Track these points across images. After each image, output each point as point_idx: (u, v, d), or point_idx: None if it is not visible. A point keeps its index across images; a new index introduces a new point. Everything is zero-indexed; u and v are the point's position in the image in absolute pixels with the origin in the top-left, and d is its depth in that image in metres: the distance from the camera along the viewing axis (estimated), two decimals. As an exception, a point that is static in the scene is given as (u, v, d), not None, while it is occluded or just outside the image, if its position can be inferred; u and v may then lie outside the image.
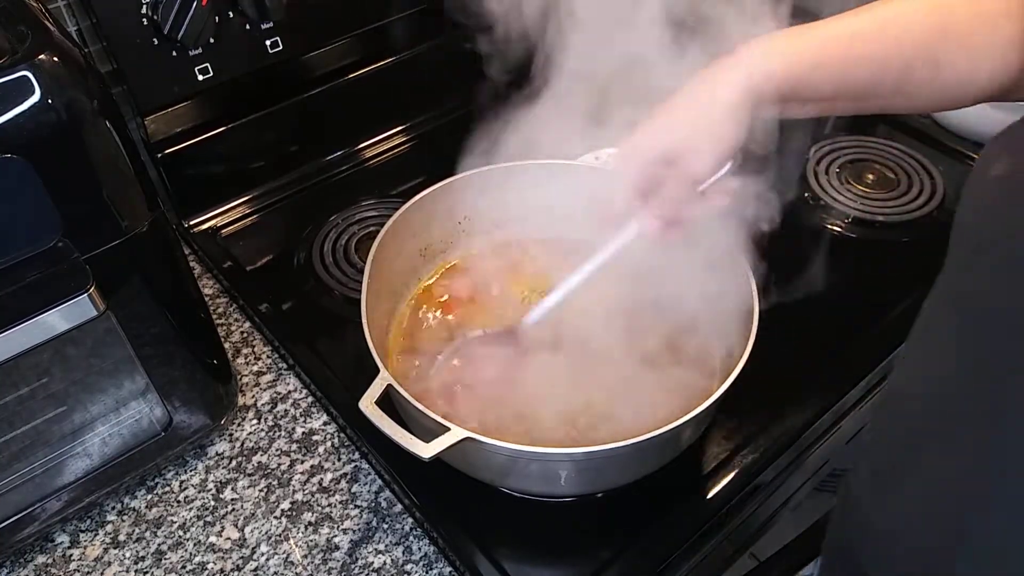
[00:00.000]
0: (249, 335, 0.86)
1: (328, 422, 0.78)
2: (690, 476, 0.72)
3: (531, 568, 0.68)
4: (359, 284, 0.71)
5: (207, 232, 0.98)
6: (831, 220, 0.95)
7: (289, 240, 0.96)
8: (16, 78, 0.48)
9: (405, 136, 1.10)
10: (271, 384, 0.82)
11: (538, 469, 0.65)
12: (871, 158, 1.04)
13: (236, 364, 0.83)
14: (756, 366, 0.62)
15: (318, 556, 0.68)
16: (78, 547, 0.70)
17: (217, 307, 0.90)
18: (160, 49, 0.87)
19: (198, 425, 0.72)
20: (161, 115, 0.92)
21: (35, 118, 0.49)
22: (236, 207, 1.01)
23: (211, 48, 0.90)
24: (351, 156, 1.08)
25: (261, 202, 1.01)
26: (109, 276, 0.57)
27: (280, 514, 0.71)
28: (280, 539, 0.69)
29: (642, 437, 0.60)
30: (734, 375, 0.62)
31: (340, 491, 0.72)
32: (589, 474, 0.67)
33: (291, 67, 0.99)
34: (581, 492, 0.70)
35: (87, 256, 0.56)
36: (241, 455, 0.76)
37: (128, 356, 0.63)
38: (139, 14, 0.84)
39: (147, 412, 0.68)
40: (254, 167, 1.02)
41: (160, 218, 0.60)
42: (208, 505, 0.72)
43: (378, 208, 0.98)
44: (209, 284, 0.93)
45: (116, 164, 0.56)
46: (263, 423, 0.78)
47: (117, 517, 0.72)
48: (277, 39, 0.94)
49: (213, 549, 0.69)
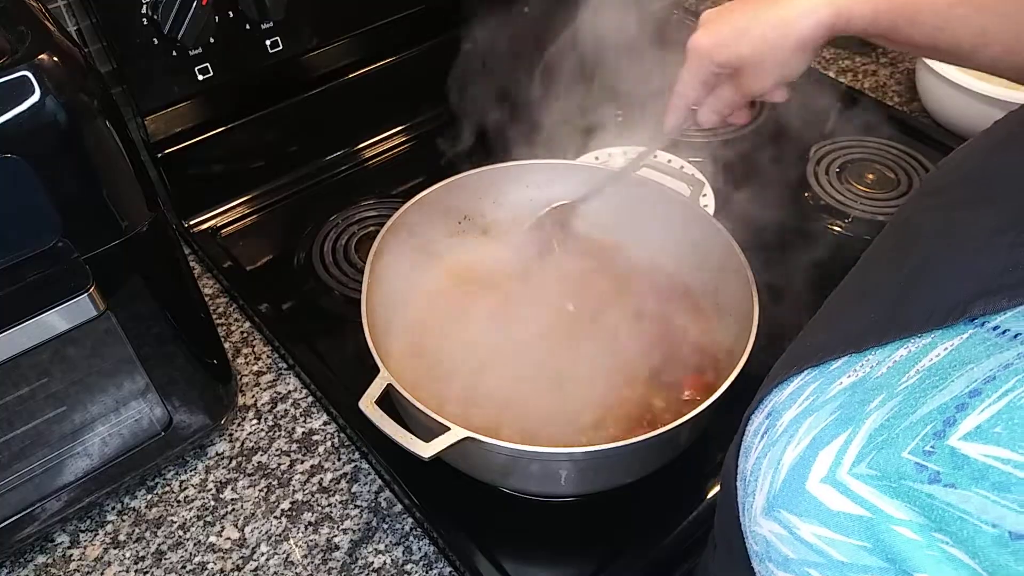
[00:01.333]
0: (249, 335, 0.87)
1: (328, 422, 0.78)
2: (690, 476, 0.72)
3: (531, 568, 0.68)
4: (359, 284, 0.71)
5: (207, 232, 0.98)
6: (831, 220, 0.95)
7: (289, 240, 0.96)
8: (16, 78, 0.48)
9: (405, 136, 1.10)
10: (271, 384, 0.82)
11: (538, 469, 0.65)
12: (871, 158, 1.04)
13: (236, 364, 0.83)
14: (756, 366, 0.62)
15: (318, 556, 0.68)
16: (78, 547, 0.70)
17: (217, 307, 0.90)
18: (160, 49, 0.87)
19: (198, 425, 0.72)
20: (161, 115, 0.92)
21: (35, 118, 0.49)
22: (236, 207, 1.01)
23: (211, 48, 0.90)
24: (351, 156, 1.08)
25: (261, 202, 1.01)
26: (109, 276, 0.57)
27: (280, 514, 0.71)
28: (280, 539, 0.69)
29: (642, 437, 0.60)
30: (734, 375, 0.62)
31: (340, 491, 0.72)
32: (589, 474, 0.67)
33: (291, 67, 0.99)
34: (581, 492, 0.70)
35: (87, 256, 0.56)
36: (241, 455, 0.76)
37: (128, 356, 0.63)
38: (139, 14, 0.84)
39: (147, 412, 0.68)
40: (254, 167, 1.02)
41: (160, 218, 0.60)
42: (208, 505, 0.72)
43: (378, 208, 0.98)
44: (209, 284, 0.93)
45: (116, 164, 0.56)
46: (263, 423, 0.78)
47: (117, 517, 0.72)
48: (277, 39, 0.94)
49: (213, 549, 0.69)
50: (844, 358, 0.38)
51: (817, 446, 0.35)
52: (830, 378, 0.38)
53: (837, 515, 0.34)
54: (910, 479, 0.31)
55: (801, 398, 0.39)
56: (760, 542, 0.38)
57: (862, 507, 0.33)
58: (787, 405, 0.39)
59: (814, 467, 0.35)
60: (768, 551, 0.37)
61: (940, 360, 0.34)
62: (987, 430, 0.30)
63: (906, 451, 0.32)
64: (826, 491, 0.34)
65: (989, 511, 0.29)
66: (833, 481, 0.34)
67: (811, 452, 0.36)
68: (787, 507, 0.36)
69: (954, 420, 0.31)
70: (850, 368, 0.37)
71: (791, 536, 0.36)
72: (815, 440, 0.36)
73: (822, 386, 0.38)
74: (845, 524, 0.33)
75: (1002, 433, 0.29)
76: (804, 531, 0.35)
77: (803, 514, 0.35)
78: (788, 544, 0.36)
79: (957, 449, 0.30)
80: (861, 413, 0.35)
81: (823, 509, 0.34)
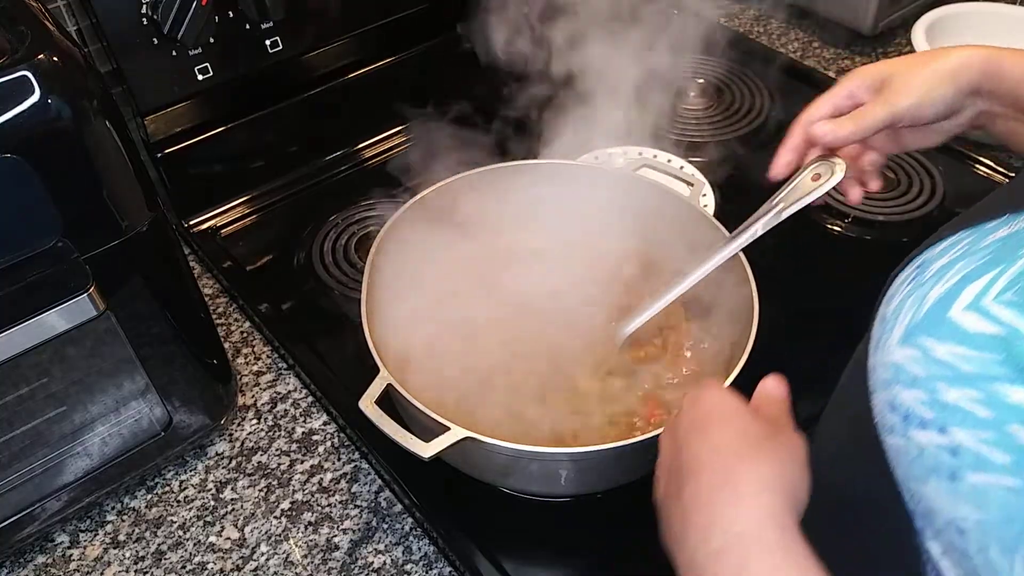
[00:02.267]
0: (249, 335, 0.87)
1: (328, 422, 0.78)
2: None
3: (531, 568, 0.68)
4: (359, 284, 0.71)
5: (207, 232, 0.98)
6: (831, 220, 0.95)
7: (289, 240, 0.96)
8: (16, 78, 0.48)
9: (405, 136, 1.10)
10: (271, 384, 0.82)
11: (538, 469, 0.65)
12: (871, 158, 1.04)
13: (236, 364, 0.83)
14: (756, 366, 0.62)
15: (318, 556, 0.68)
16: (78, 547, 0.70)
17: (217, 307, 0.90)
18: (160, 49, 0.87)
19: (198, 425, 0.72)
20: (161, 115, 0.92)
21: (35, 118, 0.49)
22: (236, 207, 1.01)
23: (211, 48, 0.90)
24: (351, 156, 1.07)
25: (261, 202, 1.01)
26: (109, 276, 0.57)
27: (280, 514, 0.71)
28: (280, 539, 0.69)
29: (642, 436, 0.60)
30: (734, 375, 0.62)
31: (340, 491, 0.72)
32: (589, 474, 0.67)
33: (291, 67, 0.99)
34: (581, 492, 0.70)
35: (87, 256, 0.56)
36: (241, 455, 0.76)
37: (128, 356, 0.63)
38: (139, 14, 0.84)
39: (147, 412, 0.68)
40: (254, 167, 1.02)
41: (160, 218, 0.60)
42: (208, 505, 0.72)
43: (378, 208, 0.98)
44: (209, 284, 0.93)
45: (116, 164, 0.56)
46: (263, 423, 0.78)
47: (117, 517, 0.72)
48: (277, 39, 0.94)
49: (213, 549, 0.69)
50: (1002, 217, 0.41)
51: (966, 282, 0.38)
52: (984, 233, 0.41)
53: (975, 335, 0.36)
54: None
55: (954, 250, 0.41)
56: (890, 369, 0.40)
57: (999, 327, 0.35)
58: (939, 257, 0.42)
59: (959, 298, 0.38)
60: (898, 375, 0.39)
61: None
62: None
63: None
64: (968, 316, 0.37)
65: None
66: (977, 307, 0.36)
67: (959, 287, 0.38)
68: (927, 332, 0.38)
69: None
70: (1006, 225, 0.40)
71: (924, 357, 0.38)
72: (964, 277, 0.38)
73: (976, 239, 0.41)
74: (981, 342, 0.36)
75: None
76: (940, 351, 0.37)
77: (941, 336, 0.37)
78: (920, 364, 0.38)
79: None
80: (1014, 256, 0.37)
81: (961, 331, 0.37)
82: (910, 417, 0.38)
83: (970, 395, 0.35)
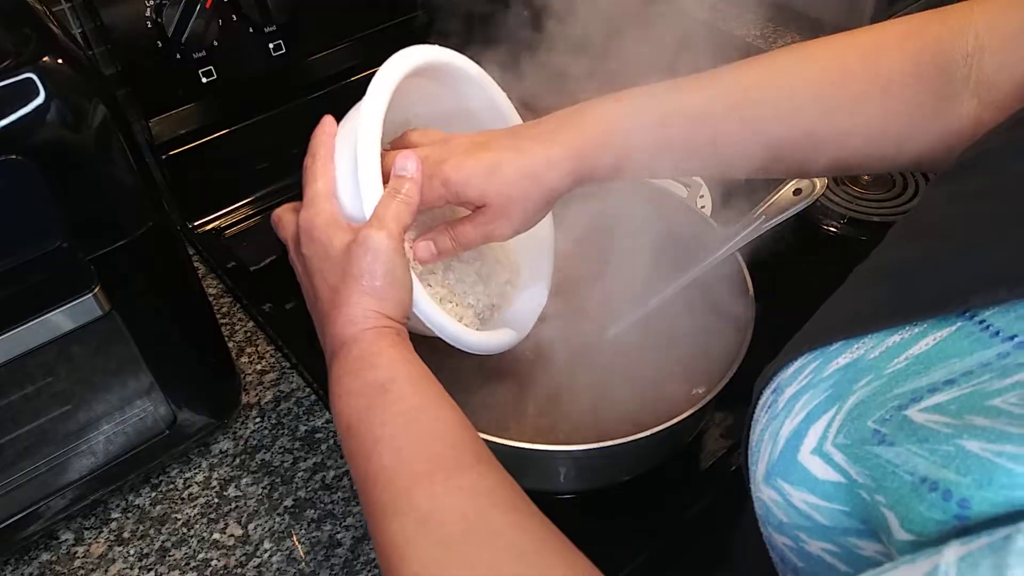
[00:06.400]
0: (253, 334, 0.87)
1: (330, 420, 0.79)
2: (689, 473, 0.72)
3: (531, 565, 0.68)
4: (360, 284, 0.72)
5: (211, 233, 0.99)
6: (827, 220, 0.96)
7: (292, 241, 0.96)
8: (21, 80, 0.49)
9: (407, 137, 1.11)
10: (274, 383, 0.82)
11: (538, 466, 0.66)
12: (870, 158, 1.04)
13: (240, 363, 0.84)
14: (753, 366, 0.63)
15: (321, 553, 0.69)
16: (83, 544, 0.70)
17: (221, 307, 0.90)
18: (164, 52, 0.87)
19: (202, 423, 0.73)
20: (165, 117, 0.92)
21: (39, 120, 0.50)
22: (240, 208, 1.01)
23: (215, 51, 0.90)
24: (353, 157, 1.08)
25: (265, 203, 1.02)
26: (114, 276, 0.58)
27: (283, 511, 0.72)
28: (283, 536, 0.70)
29: (641, 434, 0.60)
30: (730, 374, 0.63)
31: (343, 488, 0.73)
32: (589, 471, 0.68)
33: (295, 70, 1.00)
34: (581, 489, 0.70)
35: (92, 257, 0.56)
36: (244, 453, 0.76)
37: (133, 355, 0.64)
38: (143, 17, 0.84)
39: (151, 410, 0.69)
40: (258, 169, 1.03)
41: (164, 219, 0.61)
42: (212, 502, 0.73)
43: (380, 209, 0.98)
44: (213, 284, 0.93)
45: (120, 166, 0.56)
46: (266, 421, 0.79)
47: (121, 515, 0.72)
48: (280, 42, 0.95)
49: (217, 546, 0.70)
50: (842, 340, 0.40)
51: (810, 420, 0.37)
52: (828, 358, 0.40)
53: (823, 483, 0.35)
54: (868, 443, 0.33)
55: (802, 376, 0.40)
56: (761, 507, 0.40)
57: (840, 474, 0.34)
58: (790, 381, 0.41)
59: (806, 438, 0.37)
60: (767, 515, 0.39)
61: (928, 349, 0.35)
62: (944, 406, 0.32)
63: (871, 420, 0.34)
64: (814, 461, 0.36)
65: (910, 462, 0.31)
66: (820, 452, 0.36)
67: (804, 426, 0.37)
68: (782, 476, 0.38)
69: (920, 398, 0.33)
70: (847, 350, 0.39)
71: (785, 502, 0.37)
72: (808, 415, 0.38)
73: (821, 365, 0.40)
74: (828, 491, 0.35)
75: (953, 408, 0.31)
76: (795, 498, 0.37)
77: (795, 482, 0.37)
78: (782, 509, 0.38)
79: (908, 416, 0.32)
80: (848, 391, 0.36)
81: (810, 477, 0.36)
82: (786, 561, 0.39)
83: (829, 548, 0.35)
